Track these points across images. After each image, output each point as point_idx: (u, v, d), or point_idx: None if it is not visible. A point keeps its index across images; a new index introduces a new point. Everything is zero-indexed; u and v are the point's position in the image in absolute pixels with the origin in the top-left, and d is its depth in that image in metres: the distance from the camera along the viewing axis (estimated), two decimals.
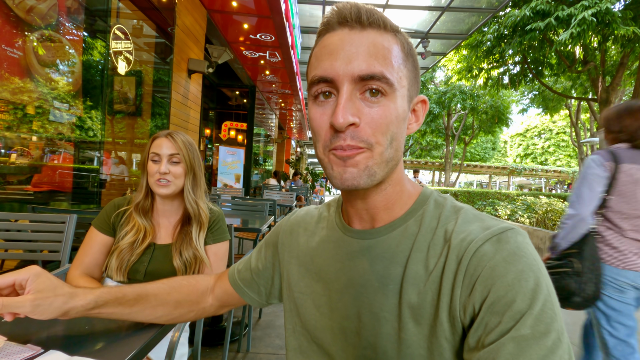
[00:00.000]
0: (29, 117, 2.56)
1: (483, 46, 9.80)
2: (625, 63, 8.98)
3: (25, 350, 0.58)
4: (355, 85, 0.46)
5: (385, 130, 0.46)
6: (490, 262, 0.43)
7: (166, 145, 1.26)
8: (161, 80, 4.33)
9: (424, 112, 0.54)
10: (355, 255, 0.54)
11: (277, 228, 0.72)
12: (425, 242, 0.49)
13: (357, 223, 0.56)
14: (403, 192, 0.54)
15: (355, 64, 0.45)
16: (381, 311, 0.50)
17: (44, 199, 2.80)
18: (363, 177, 0.47)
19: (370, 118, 0.46)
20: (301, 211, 0.71)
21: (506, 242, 0.44)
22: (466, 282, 0.44)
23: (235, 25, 5.08)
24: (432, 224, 0.51)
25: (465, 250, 0.45)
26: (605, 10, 6.48)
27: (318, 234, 0.63)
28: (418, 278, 0.48)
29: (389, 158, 0.48)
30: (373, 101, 0.46)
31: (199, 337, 1.33)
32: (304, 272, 0.62)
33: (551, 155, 32.62)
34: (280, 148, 16.27)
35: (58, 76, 2.79)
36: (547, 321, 0.39)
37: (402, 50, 0.49)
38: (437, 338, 0.45)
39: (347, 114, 0.45)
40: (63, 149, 2.94)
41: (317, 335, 0.58)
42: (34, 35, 2.48)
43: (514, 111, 19.71)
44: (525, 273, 0.41)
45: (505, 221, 0.48)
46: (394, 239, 0.52)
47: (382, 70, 0.45)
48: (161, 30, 4.19)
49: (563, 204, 6.56)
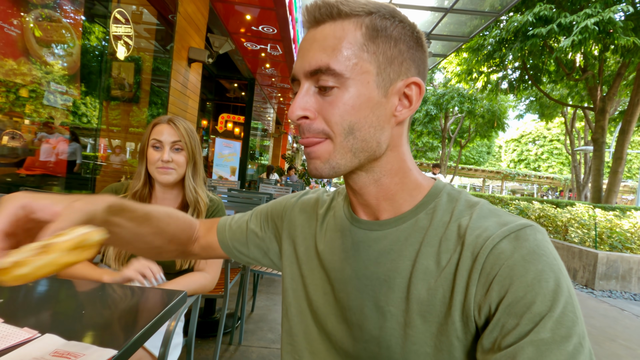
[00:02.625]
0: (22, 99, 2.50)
1: (484, 50, 9.84)
2: (622, 73, 9.09)
3: (22, 333, 0.56)
4: (310, 80, 0.48)
5: (340, 120, 0.46)
6: (509, 260, 0.41)
7: (168, 131, 1.22)
8: (160, 68, 4.26)
9: (419, 95, 0.49)
10: (362, 246, 0.53)
11: (284, 202, 0.70)
12: (437, 237, 0.47)
13: (362, 213, 0.55)
14: (406, 184, 0.51)
15: (305, 60, 0.47)
16: (387, 305, 0.48)
17: (36, 182, 2.74)
18: (325, 168, 0.48)
19: (322, 110, 0.47)
20: (313, 194, 0.69)
21: (525, 239, 0.42)
22: (482, 281, 0.42)
23: (238, 15, 5.02)
24: (444, 218, 0.48)
25: (482, 248, 0.43)
26: (607, 20, 6.53)
27: (326, 221, 0.61)
28: (428, 273, 0.46)
29: (353, 148, 0.47)
30: (326, 93, 0.47)
31: (194, 328, 1.31)
32: (310, 256, 0.60)
33: (544, 162, 32.97)
34: (277, 143, 16.21)
35: (55, 58, 2.73)
36: (568, 325, 0.37)
37: (363, 35, 0.46)
38: (448, 337, 0.44)
39: (297, 108, 0.47)
40: (58, 133, 2.88)
41: (322, 319, 0.56)
42: (33, 13, 2.42)
43: (511, 116, 19.86)
44: (545, 273, 0.39)
45: (522, 217, 0.46)
46: (403, 231, 0.50)
47: (328, 63, 0.45)
48: (162, 17, 4.12)
49: (555, 210, 6.62)
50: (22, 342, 0.54)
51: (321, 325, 0.56)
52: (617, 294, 4.42)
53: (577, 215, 5.94)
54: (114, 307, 0.79)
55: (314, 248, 0.60)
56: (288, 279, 0.63)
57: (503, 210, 0.48)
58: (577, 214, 6.08)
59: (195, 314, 1.32)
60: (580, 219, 5.69)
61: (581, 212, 6.22)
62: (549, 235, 5.54)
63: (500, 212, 0.48)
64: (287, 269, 0.63)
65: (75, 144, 3.11)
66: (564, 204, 8.60)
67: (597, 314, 3.57)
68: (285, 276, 0.63)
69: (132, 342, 0.62)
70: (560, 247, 5.20)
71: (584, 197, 14.64)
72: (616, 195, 9.92)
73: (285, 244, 0.65)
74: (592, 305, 3.88)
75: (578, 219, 5.73)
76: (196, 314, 1.32)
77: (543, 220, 6.37)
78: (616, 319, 3.49)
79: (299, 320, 0.59)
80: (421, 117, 19.03)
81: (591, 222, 5.35)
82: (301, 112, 0.47)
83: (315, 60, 0.46)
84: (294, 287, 0.61)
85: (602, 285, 4.50)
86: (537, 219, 6.50)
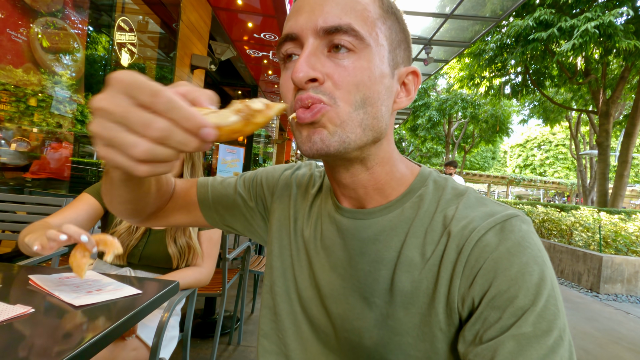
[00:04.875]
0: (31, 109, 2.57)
1: (485, 55, 9.86)
2: (625, 77, 9.05)
3: (16, 309, 0.59)
4: (321, 40, 0.42)
5: (353, 88, 0.41)
6: (493, 253, 0.40)
7: None
8: (163, 74, 4.35)
9: (416, 86, 0.49)
10: (347, 235, 0.51)
11: (277, 174, 0.65)
12: (422, 228, 0.46)
13: (345, 202, 0.52)
14: (394, 173, 0.50)
15: (318, 15, 0.41)
16: (371, 296, 0.47)
17: (41, 186, 2.80)
18: (334, 141, 0.41)
19: (335, 73, 0.41)
20: (305, 167, 0.65)
21: (510, 231, 0.41)
22: (466, 273, 0.41)
23: (240, 23, 5.11)
24: (430, 208, 0.47)
25: (467, 240, 0.42)
26: (608, 23, 6.54)
27: (315, 204, 0.58)
28: (413, 265, 0.45)
29: (363, 123, 0.42)
30: (340, 57, 0.41)
31: (189, 324, 1.33)
32: (296, 238, 0.58)
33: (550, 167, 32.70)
34: (281, 149, 16.28)
35: (61, 65, 2.80)
36: (549, 318, 0.37)
37: (380, 7, 0.44)
38: (430, 328, 0.43)
39: (306, 66, 0.40)
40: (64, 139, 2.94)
41: (306, 304, 0.54)
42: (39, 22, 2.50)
43: (515, 121, 19.79)
44: (529, 266, 0.39)
45: (510, 207, 0.45)
46: (389, 221, 0.48)
47: (350, 22, 0.40)
48: (166, 25, 4.22)
49: (560, 214, 6.57)
50: (16, 317, 0.57)
51: (305, 309, 0.55)
52: (623, 297, 4.36)
53: (581, 219, 5.88)
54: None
55: (300, 230, 0.57)
56: (276, 256, 0.59)
57: (490, 199, 0.47)
58: (582, 217, 6.02)
59: (192, 309, 1.35)
60: (585, 223, 5.64)
61: (586, 215, 6.17)
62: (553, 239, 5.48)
63: (487, 201, 0.47)
64: (275, 245, 0.59)
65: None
66: (569, 208, 8.52)
67: (602, 317, 3.52)
68: (272, 252, 0.60)
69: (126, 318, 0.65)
70: (564, 251, 5.15)
71: (590, 202, 14.48)
72: (622, 199, 9.81)
73: (274, 218, 0.61)
74: (597, 308, 3.83)
75: (582, 223, 5.68)
76: (192, 309, 1.34)
77: (547, 224, 6.32)
78: (621, 322, 3.44)
79: (284, 299, 0.56)
80: (424, 123, 19.02)
81: (596, 226, 5.30)
82: (312, 71, 0.40)
83: (334, 17, 0.40)
84: (281, 265, 0.58)
85: (607, 289, 4.45)
86: (541, 222, 6.45)
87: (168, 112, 0.27)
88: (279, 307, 0.57)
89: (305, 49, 0.41)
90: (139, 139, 0.27)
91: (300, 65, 0.40)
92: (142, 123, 0.27)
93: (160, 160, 0.29)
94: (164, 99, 0.27)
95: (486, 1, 6.00)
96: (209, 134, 0.28)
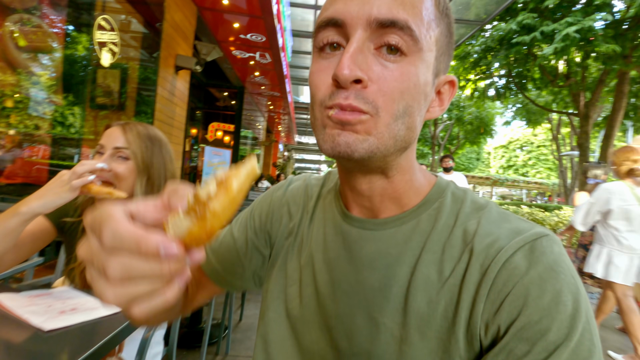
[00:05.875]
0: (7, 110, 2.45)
1: (470, 58, 10.02)
2: (604, 80, 9.33)
3: None
4: (371, 34, 0.37)
5: (398, 97, 0.37)
6: (524, 278, 0.36)
7: (115, 135, 1.04)
8: (147, 75, 4.23)
9: (451, 96, 0.45)
10: (354, 247, 0.47)
11: (269, 199, 0.60)
12: (440, 242, 0.42)
13: (357, 210, 0.48)
14: (413, 182, 0.46)
15: (374, 4, 0.36)
16: (381, 316, 0.43)
17: (16, 191, 2.67)
18: (361, 148, 0.37)
19: (381, 78, 0.37)
20: (298, 181, 0.61)
21: (541, 253, 0.37)
22: (492, 298, 0.37)
23: (226, 24, 5.02)
24: (448, 221, 0.43)
25: (493, 260, 0.38)
26: (588, 28, 6.72)
27: (316, 214, 0.54)
28: (429, 283, 0.41)
29: (397, 135, 0.39)
30: (389, 59, 0.37)
31: (175, 336, 1.26)
32: (294, 254, 0.53)
33: (532, 167, 33.50)
34: (268, 151, 16.17)
35: (36, 64, 2.68)
36: (584, 355, 0.33)
37: (435, 7, 0.39)
38: (449, 355, 0.39)
39: (353, 64, 0.36)
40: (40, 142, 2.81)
41: (299, 329, 0.49)
42: (13, 19, 2.38)
43: (498, 123, 20.20)
44: (563, 295, 0.35)
45: (537, 224, 0.41)
46: (402, 234, 0.44)
47: (407, 19, 0.36)
48: (149, 24, 4.10)
49: (544, 214, 6.70)
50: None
51: (297, 336, 0.49)
52: None
53: (564, 219, 6.01)
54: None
55: (299, 246, 0.53)
56: (272, 280, 0.55)
57: (513, 215, 0.43)
58: (565, 217, 6.15)
59: (177, 321, 1.28)
60: (568, 223, 5.75)
61: (569, 215, 6.30)
62: None
63: (510, 216, 0.43)
64: (273, 270, 0.56)
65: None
66: (552, 207, 8.71)
67: None
68: (270, 276, 0.56)
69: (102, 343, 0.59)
70: None
71: (571, 201, 14.87)
72: None
73: (275, 243, 0.57)
74: None
75: (566, 223, 5.80)
76: (177, 322, 1.28)
77: None
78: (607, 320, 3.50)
79: (275, 327, 0.52)
80: None
81: None
82: (359, 72, 0.36)
83: (391, 10, 0.36)
84: (276, 287, 0.54)
85: (592, 288, 4.53)
86: None
87: (117, 249, 0.25)
88: (270, 335, 0.52)
89: (353, 42, 0.37)
90: (107, 284, 0.25)
91: (347, 62, 0.35)
92: (100, 267, 0.25)
93: (143, 296, 0.26)
94: (108, 235, 0.24)
95: (470, 5, 6.09)
96: (170, 252, 0.25)
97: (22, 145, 2.67)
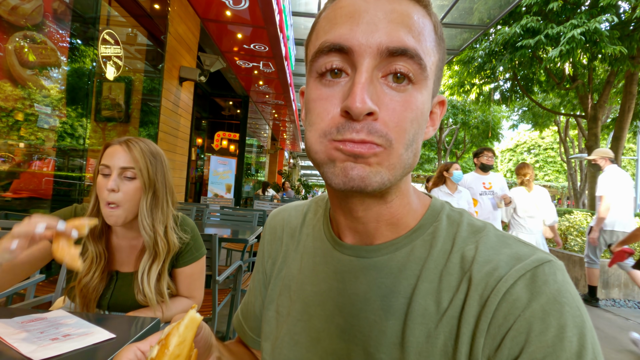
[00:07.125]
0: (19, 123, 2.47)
1: (474, 62, 9.98)
2: (611, 81, 9.21)
3: None
4: (380, 62, 0.35)
5: (409, 127, 0.36)
6: (525, 312, 0.34)
7: (119, 155, 1.03)
8: (151, 87, 4.27)
9: (442, 115, 0.45)
10: (347, 277, 0.44)
11: (261, 247, 0.60)
12: (437, 270, 0.40)
13: (349, 237, 0.46)
14: (410, 205, 0.44)
15: (383, 29, 0.35)
16: (377, 352, 0.40)
17: (22, 205, 2.68)
18: (374, 178, 0.36)
19: (392, 109, 0.35)
20: (285, 211, 0.59)
21: (544, 282, 0.35)
22: (492, 332, 0.35)
23: (229, 35, 5.07)
24: (445, 247, 0.41)
25: (492, 291, 0.36)
26: (593, 30, 6.65)
27: (302, 243, 0.52)
28: (427, 316, 0.39)
29: (406, 164, 0.38)
30: (397, 88, 0.36)
31: None
32: (283, 287, 0.51)
33: (540, 170, 33.12)
34: (273, 159, 16.22)
35: (41, 79, 2.71)
36: None
37: (435, 32, 0.39)
38: None
39: (366, 97, 0.34)
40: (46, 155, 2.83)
41: None
42: (17, 36, 2.41)
43: (505, 126, 20.05)
44: (568, 330, 0.33)
45: (538, 248, 0.39)
46: (397, 261, 0.42)
47: (416, 47, 0.35)
48: (153, 37, 4.15)
49: None
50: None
51: None
52: (621, 302, 4.33)
53: (575, 223, 5.89)
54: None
55: (288, 278, 0.51)
56: (265, 321, 0.53)
57: (512, 237, 0.41)
58: (576, 221, 6.03)
59: None
60: (579, 227, 5.64)
61: (579, 219, 6.17)
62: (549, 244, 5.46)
63: (509, 239, 0.40)
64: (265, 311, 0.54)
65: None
66: (562, 212, 8.56)
67: (602, 324, 3.48)
68: (263, 318, 0.54)
69: None
70: (560, 256, 5.13)
71: (581, 204, 14.62)
72: None
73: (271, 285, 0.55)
74: (597, 313, 3.79)
75: (577, 227, 5.68)
76: None
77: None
78: (621, 327, 3.40)
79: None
80: None
81: None
82: (372, 105, 0.34)
83: (400, 38, 0.35)
84: (266, 328, 0.52)
85: (604, 294, 4.42)
86: None
87: None
88: None
89: (362, 71, 0.35)
90: None
91: (360, 95, 0.34)
92: None
93: None
94: None
95: (474, 9, 6.07)
96: None
97: (27, 159, 2.69)
